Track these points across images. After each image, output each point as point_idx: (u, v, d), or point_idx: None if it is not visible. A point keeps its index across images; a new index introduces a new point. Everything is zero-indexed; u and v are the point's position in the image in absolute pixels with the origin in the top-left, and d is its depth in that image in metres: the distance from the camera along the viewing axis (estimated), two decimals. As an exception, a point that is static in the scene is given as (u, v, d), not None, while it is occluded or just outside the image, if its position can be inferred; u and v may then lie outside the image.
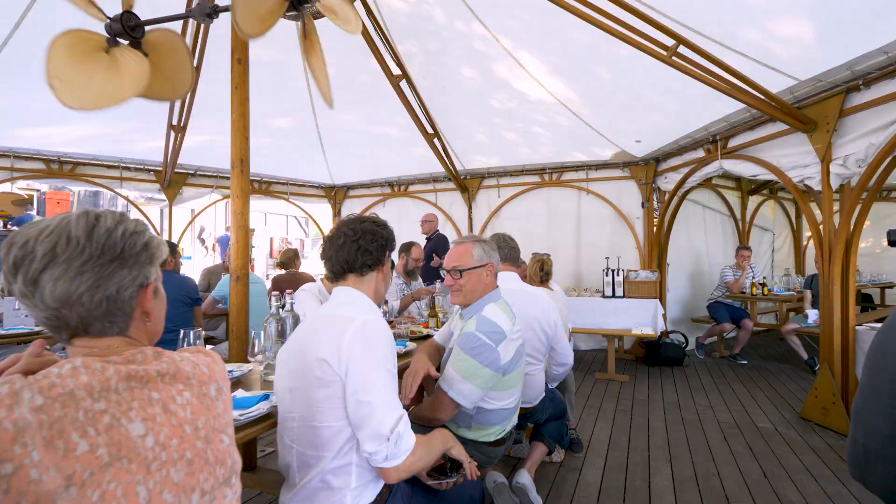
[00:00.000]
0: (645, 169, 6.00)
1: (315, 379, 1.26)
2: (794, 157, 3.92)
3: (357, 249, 1.39)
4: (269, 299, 2.04)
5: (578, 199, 6.45)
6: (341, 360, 1.24)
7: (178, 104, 5.27)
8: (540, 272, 3.25)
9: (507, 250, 2.56)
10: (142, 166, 6.34)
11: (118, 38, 2.31)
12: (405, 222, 7.50)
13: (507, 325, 1.80)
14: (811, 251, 8.90)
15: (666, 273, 6.01)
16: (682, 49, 3.36)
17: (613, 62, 4.20)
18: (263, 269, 15.04)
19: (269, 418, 1.45)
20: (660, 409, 4.10)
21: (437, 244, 5.99)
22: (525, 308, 2.33)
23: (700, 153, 5.13)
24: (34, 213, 14.00)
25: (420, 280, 4.27)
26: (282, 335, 1.83)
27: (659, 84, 4.27)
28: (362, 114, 5.98)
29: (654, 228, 5.97)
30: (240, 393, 1.57)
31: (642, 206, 6.05)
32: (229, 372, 1.91)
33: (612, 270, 5.40)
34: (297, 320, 1.91)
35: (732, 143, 4.67)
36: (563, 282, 6.25)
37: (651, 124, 5.07)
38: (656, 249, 5.93)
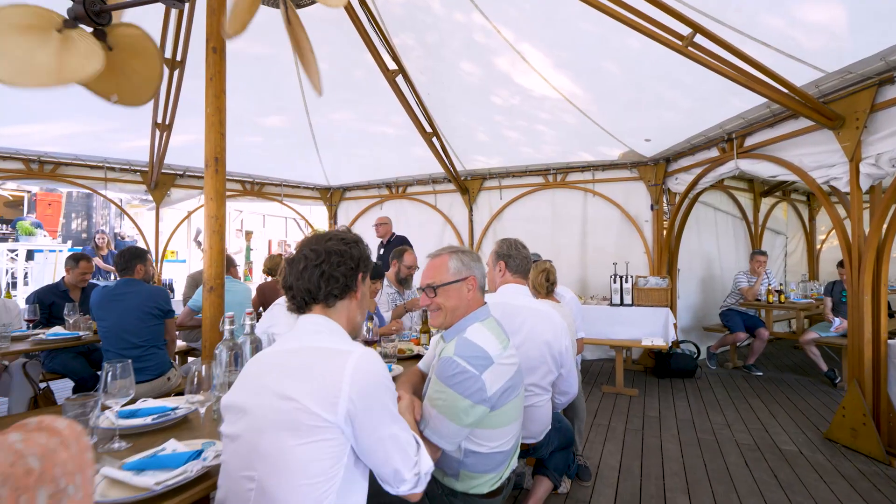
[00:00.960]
0: (654, 169, 5.71)
1: (289, 426, 1.05)
2: (818, 156, 3.63)
3: (320, 276, 1.14)
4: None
5: (584, 202, 6.16)
6: (339, 406, 1.06)
7: (161, 101, 5.01)
8: (546, 283, 2.95)
9: (518, 260, 2.20)
10: (127, 166, 6.09)
11: (79, 22, 2.06)
12: (403, 225, 7.21)
13: (495, 348, 1.51)
14: (825, 255, 8.59)
15: (676, 279, 5.71)
16: (698, 38, 3.08)
17: (623, 55, 3.92)
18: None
19: (205, 480, 1.16)
20: (673, 427, 3.80)
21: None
22: (535, 329, 2.04)
23: (714, 153, 4.83)
24: (33, 216, 13.84)
25: (414, 289, 3.99)
26: (235, 365, 1.53)
27: (671, 78, 3.99)
28: (357, 112, 5.71)
29: (664, 232, 5.67)
30: (170, 445, 1.27)
31: (651, 208, 5.76)
32: (171, 409, 1.59)
33: (621, 277, 5.11)
34: (256, 346, 1.62)
35: (749, 141, 4.38)
36: (568, 289, 5.94)
37: (662, 122, 4.78)
38: (666, 254, 5.64)
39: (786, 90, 3.25)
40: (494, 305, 2.00)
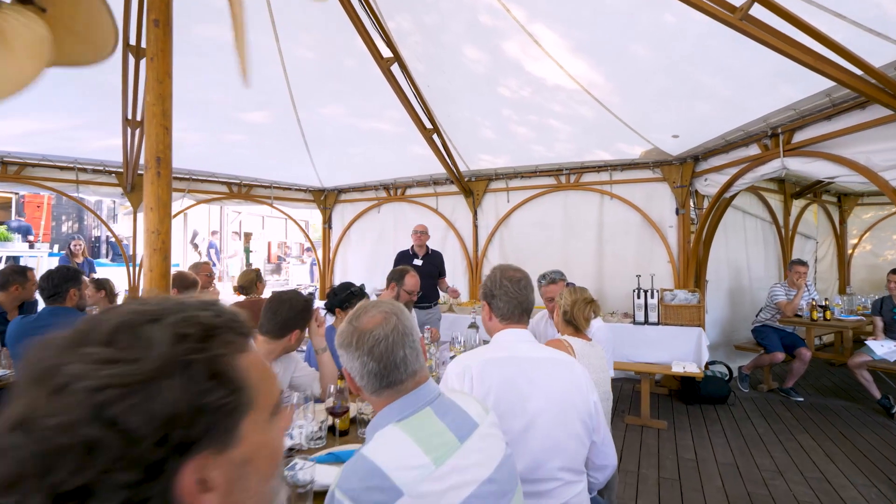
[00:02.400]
0: (680, 169, 5.11)
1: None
2: (893, 153, 3.03)
3: None
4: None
5: (601, 205, 5.57)
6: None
7: (130, 95, 4.47)
8: (590, 316, 2.32)
9: (504, 301, 1.60)
10: (101, 167, 5.57)
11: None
12: (402, 230, 6.66)
13: (409, 469, 0.95)
14: (856, 261, 7.97)
15: (705, 292, 5.12)
16: (755, 10, 2.51)
17: (655, 34, 3.34)
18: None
19: None
20: (714, 473, 3.22)
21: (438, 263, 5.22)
22: (552, 390, 1.48)
23: (753, 150, 4.24)
24: (23, 219, 13.39)
25: (414, 318, 3.42)
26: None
27: (712, 61, 3.40)
28: (349, 106, 5.15)
29: (692, 239, 5.08)
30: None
31: (677, 212, 5.16)
32: None
33: (645, 291, 4.52)
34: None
35: (799, 136, 3.78)
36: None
37: (694, 115, 4.18)
38: (693, 264, 5.04)
39: (861, 72, 2.67)
40: (486, 365, 1.43)
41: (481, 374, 1.44)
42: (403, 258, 5.08)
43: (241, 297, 3.79)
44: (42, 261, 8.30)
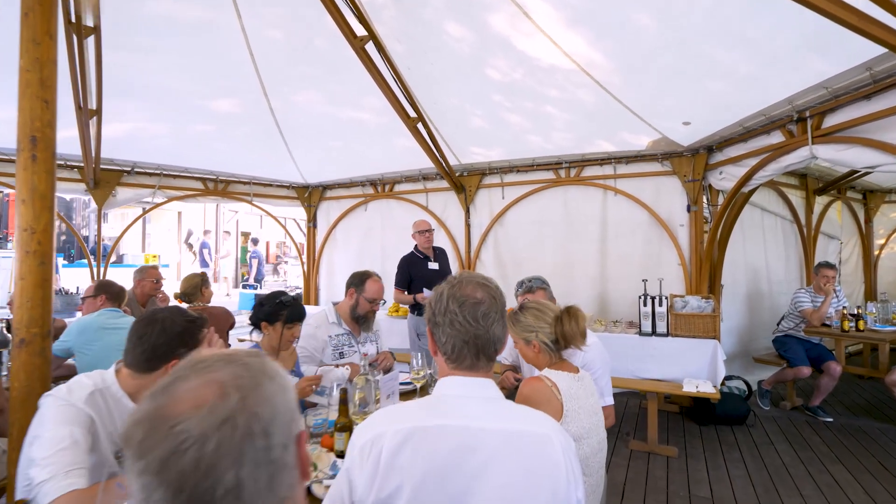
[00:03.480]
0: (692, 161, 4.59)
1: None
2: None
3: None
4: None
5: (604, 202, 5.06)
6: None
7: (78, 79, 4.04)
8: (566, 341, 1.72)
9: (452, 331, 1.08)
10: (61, 161, 5.15)
11: None
12: (390, 229, 6.22)
13: None
14: (884, 263, 7.37)
15: (721, 299, 4.59)
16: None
17: (660, 3, 2.85)
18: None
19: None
20: (733, 517, 2.72)
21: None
22: (515, 488, 0.96)
23: (776, 137, 3.72)
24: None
25: (375, 331, 2.91)
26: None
27: (731, 32, 2.90)
28: (324, 92, 4.70)
29: (705, 239, 4.56)
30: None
31: (688, 210, 4.64)
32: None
33: (653, 298, 4.02)
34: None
35: (831, 120, 3.26)
36: (586, 309, 4.82)
37: (707, 97, 3.67)
38: (707, 267, 4.52)
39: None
40: (408, 439, 0.97)
41: (394, 455, 0.95)
42: (413, 263, 4.51)
43: (185, 305, 3.33)
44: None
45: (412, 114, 4.50)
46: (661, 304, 3.97)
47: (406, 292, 4.47)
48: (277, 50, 4.23)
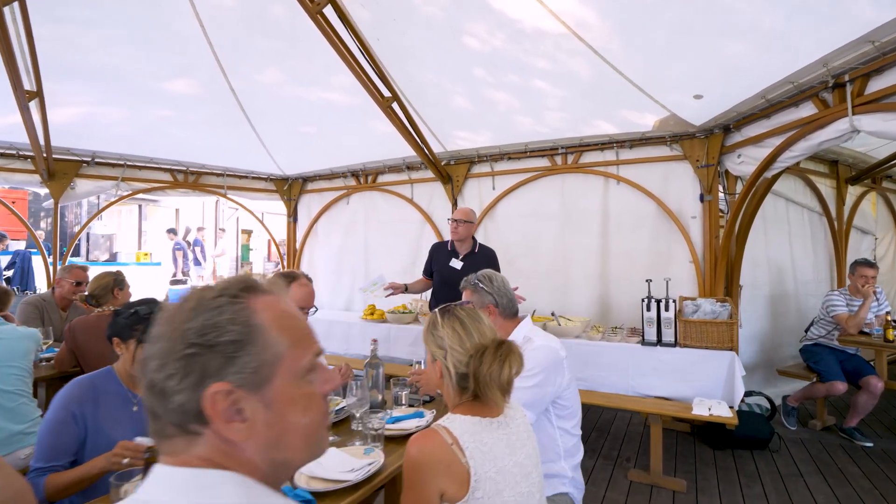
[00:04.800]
0: (705, 144, 3.99)
1: None
2: None
3: None
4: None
5: (605, 191, 4.49)
6: None
7: (20, 58, 3.60)
8: (478, 387, 1.14)
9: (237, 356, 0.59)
10: (11, 150, 4.76)
11: None
12: (373, 223, 5.73)
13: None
14: (924, 260, 6.63)
15: (739, 302, 3.99)
16: None
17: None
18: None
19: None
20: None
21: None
22: None
23: (806, 110, 3.11)
24: None
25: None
26: None
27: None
28: (286, 69, 4.22)
29: (721, 233, 3.97)
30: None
31: (701, 199, 4.05)
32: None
33: (657, 301, 3.44)
34: None
35: (878, 83, 2.65)
36: (584, 313, 4.30)
37: (723, 62, 3.08)
38: (723, 265, 3.92)
39: None
40: None
41: None
42: (438, 250, 3.90)
43: (90, 310, 2.84)
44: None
45: (386, 93, 3.98)
46: (667, 309, 3.39)
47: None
48: (230, 20, 3.76)
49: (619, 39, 3.14)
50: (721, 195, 4.09)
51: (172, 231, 11.17)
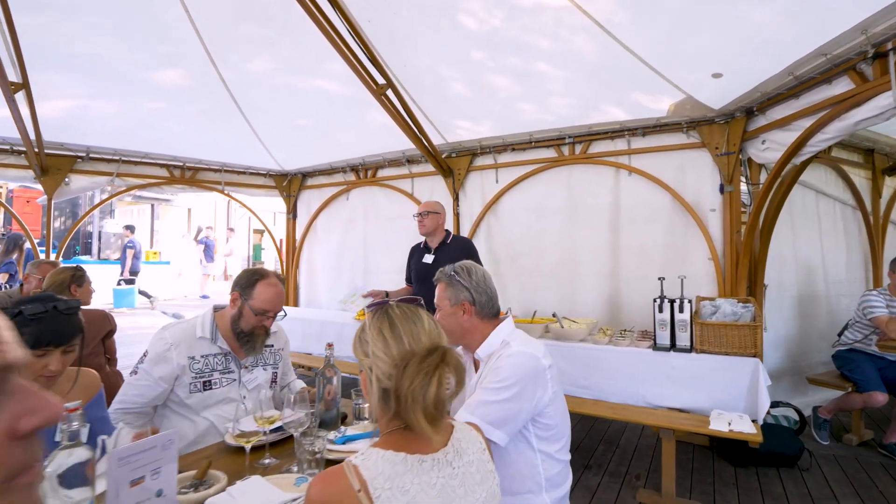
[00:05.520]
0: (726, 129, 3.65)
1: None
2: None
3: None
4: None
5: (616, 183, 4.17)
6: None
7: (2, 49, 3.49)
8: (399, 407, 0.88)
9: None
10: (5, 145, 4.67)
11: None
12: (373, 219, 5.52)
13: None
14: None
15: (763, 302, 3.64)
16: None
17: None
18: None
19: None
20: None
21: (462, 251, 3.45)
22: None
23: (841, 86, 2.76)
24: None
25: (273, 358, 2.09)
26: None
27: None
28: (278, 58, 4.02)
29: (743, 228, 3.62)
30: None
31: (721, 191, 3.71)
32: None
33: (671, 302, 3.12)
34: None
35: (927, 51, 2.31)
36: (591, 314, 3.99)
37: (746, 33, 2.76)
38: (745, 262, 3.58)
39: None
40: None
41: None
42: (413, 253, 3.80)
43: None
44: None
45: (380, 80, 3.75)
46: (681, 310, 3.07)
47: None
48: (214, 3, 3.57)
49: (626, 12, 2.84)
50: (743, 186, 3.74)
51: (130, 228, 10.66)
